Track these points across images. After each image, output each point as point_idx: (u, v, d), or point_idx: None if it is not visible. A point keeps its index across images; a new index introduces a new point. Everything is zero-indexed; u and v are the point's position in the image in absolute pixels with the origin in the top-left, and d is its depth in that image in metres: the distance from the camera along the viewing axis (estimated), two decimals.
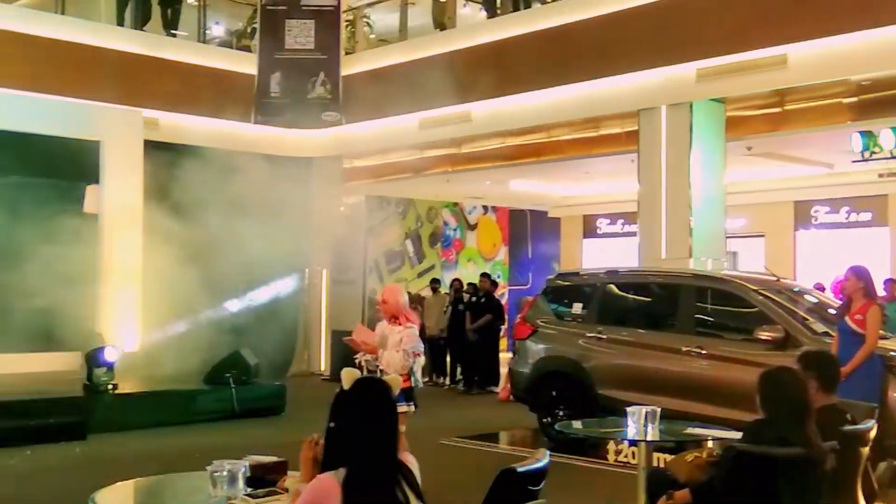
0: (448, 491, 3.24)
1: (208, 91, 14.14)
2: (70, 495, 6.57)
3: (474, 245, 20.27)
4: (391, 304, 6.69)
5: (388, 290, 6.99)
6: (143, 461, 7.64)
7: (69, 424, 9.41)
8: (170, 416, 10.35)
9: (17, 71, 12.32)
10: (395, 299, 6.72)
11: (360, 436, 2.97)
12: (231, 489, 3.48)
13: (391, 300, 6.71)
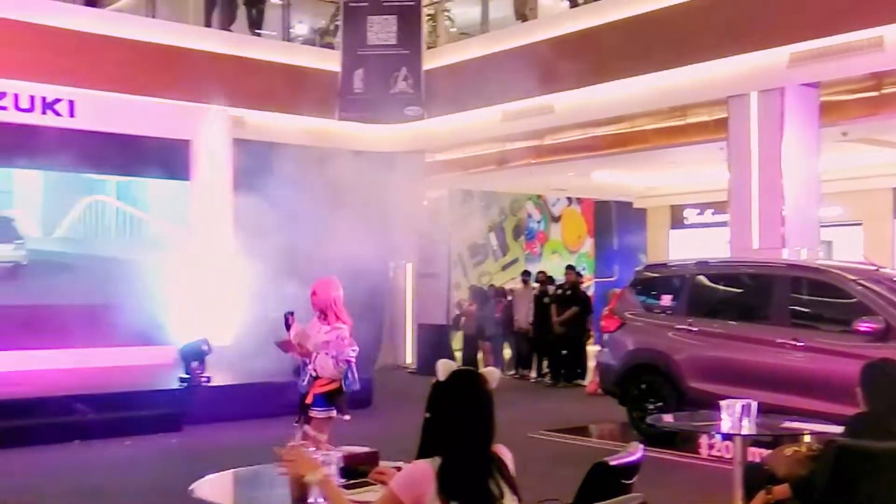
0: (538, 484, 3.20)
1: (293, 88, 14.32)
2: (167, 485, 6.75)
3: (559, 237, 20.14)
4: (321, 297, 6.00)
5: (321, 282, 6.14)
6: (237, 452, 7.77)
7: (166, 416, 9.69)
8: (261, 408, 10.53)
9: (110, 73, 12.69)
10: (326, 293, 6.02)
11: (454, 427, 2.97)
12: None
13: (322, 293, 6.01)
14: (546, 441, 9.11)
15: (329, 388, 5.95)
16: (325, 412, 5.95)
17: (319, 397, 5.95)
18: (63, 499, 6.49)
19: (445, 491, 2.88)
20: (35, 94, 12.24)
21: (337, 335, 5.92)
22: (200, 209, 13.61)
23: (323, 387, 5.94)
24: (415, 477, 2.94)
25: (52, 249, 12.76)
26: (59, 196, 13.17)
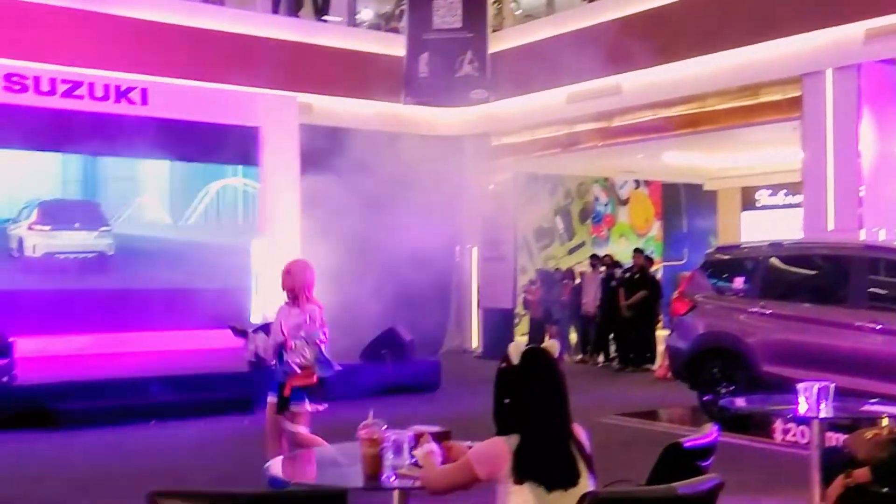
0: (612, 466, 3.18)
1: (359, 74, 14.40)
2: (240, 464, 6.88)
3: (626, 220, 19.91)
4: (296, 278, 5.83)
5: (296, 262, 6.07)
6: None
7: (237, 398, 9.86)
8: (329, 390, 10.59)
9: (181, 61, 12.92)
10: (302, 274, 5.88)
11: (531, 407, 2.98)
12: (397, 458, 3.53)
13: (297, 273, 5.86)
14: (615, 426, 9.04)
15: (308, 381, 5.78)
16: (303, 405, 5.76)
17: (298, 390, 5.75)
18: (140, 477, 6.65)
19: (521, 470, 2.89)
20: (109, 83, 12.53)
21: (309, 316, 5.75)
22: (269, 195, 13.80)
23: (302, 380, 5.75)
24: (491, 453, 2.96)
25: (138, 234, 13.03)
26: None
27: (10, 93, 11.85)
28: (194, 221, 13.48)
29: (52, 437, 8.47)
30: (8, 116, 11.73)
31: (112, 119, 12.33)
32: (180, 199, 13.46)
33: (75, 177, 12.71)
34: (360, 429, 3.51)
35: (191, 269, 13.02)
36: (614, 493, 2.72)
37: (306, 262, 6.11)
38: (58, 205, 12.76)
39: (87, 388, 9.40)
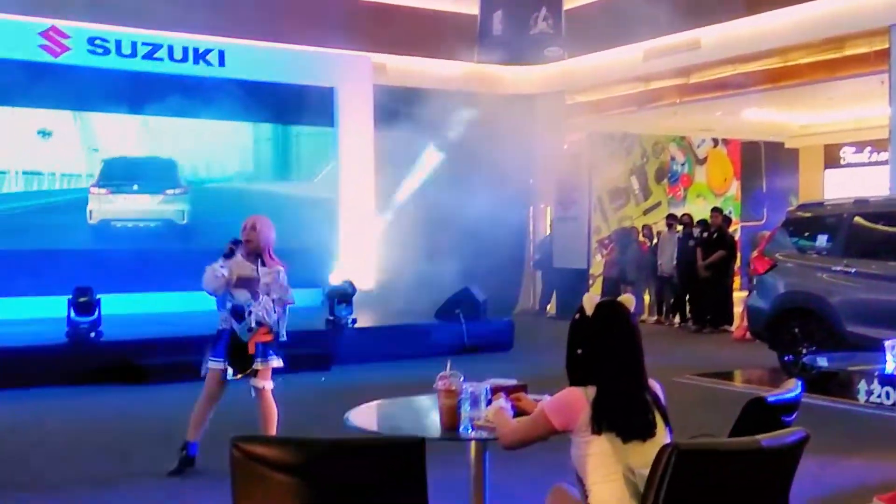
0: (688, 425, 3.13)
1: (432, 33, 14.34)
2: (319, 418, 6.97)
3: (703, 180, 19.51)
4: (263, 234, 5.68)
5: (262, 218, 5.82)
6: (384, 389, 7.96)
7: (315, 356, 10.02)
8: (404, 349, 10.76)
9: (257, 23, 13.03)
10: (268, 231, 5.73)
11: (607, 358, 2.95)
12: (474, 410, 3.53)
13: (264, 231, 5.70)
14: (691, 385, 8.93)
15: (269, 337, 5.71)
16: (270, 361, 5.75)
17: (262, 346, 5.70)
18: (219, 430, 6.81)
19: (599, 420, 2.87)
20: (188, 46, 12.72)
21: (279, 275, 5.66)
22: (345, 155, 13.90)
23: (265, 336, 5.68)
24: (568, 403, 2.94)
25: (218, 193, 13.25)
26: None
27: (94, 56, 12.12)
28: (274, 181, 13.65)
29: (135, 391, 8.73)
30: (92, 79, 12.00)
31: (191, 81, 12.53)
32: (259, 160, 13.63)
33: (156, 138, 12.93)
34: (438, 380, 3.52)
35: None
36: (696, 444, 2.67)
37: (268, 220, 5.89)
38: (122, 163, 12.94)
39: (169, 344, 9.64)
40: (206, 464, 5.75)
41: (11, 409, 7.85)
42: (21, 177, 12.13)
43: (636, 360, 2.99)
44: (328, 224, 13.74)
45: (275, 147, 13.76)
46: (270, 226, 5.80)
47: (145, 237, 12.80)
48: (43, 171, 12.26)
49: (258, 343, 5.67)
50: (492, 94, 14.51)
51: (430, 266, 12.60)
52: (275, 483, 2.57)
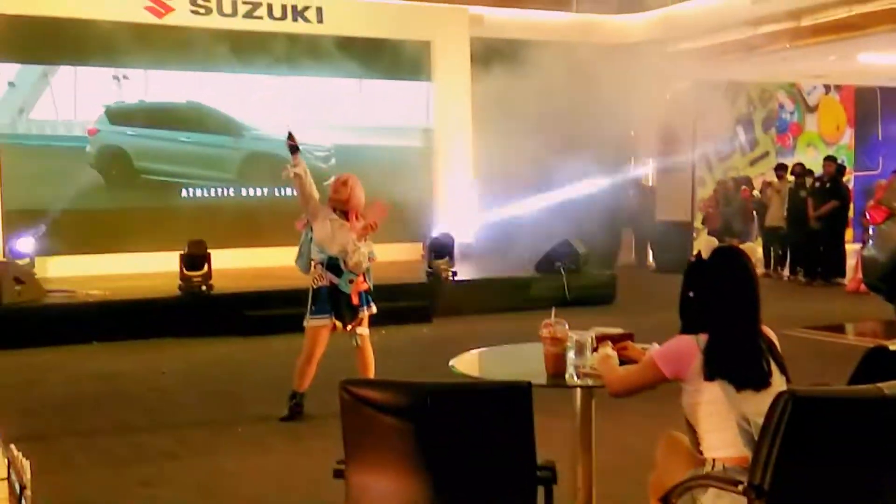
0: (800, 378, 3.01)
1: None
2: (421, 368, 7.09)
3: (814, 128, 18.76)
4: (354, 193, 5.79)
5: (355, 178, 5.94)
6: (485, 341, 8.00)
7: (416, 308, 10.12)
8: (505, 302, 10.76)
9: None
10: (359, 192, 5.84)
11: (722, 304, 2.87)
12: (579, 358, 3.49)
13: (356, 190, 5.82)
14: (803, 339, 8.67)
15: (367, 286, 5.94)
16: (371, 308, 5.99)
17: (364, 294, 5.93)
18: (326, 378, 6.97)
19: (712, 367, 2.80)
20: (286, 3, 12.83)
21: (361, 233, 5.74)
22: (442, 109, 13.87)
23: (363, 284, 5.89)
24: (679, 350, 2.87)
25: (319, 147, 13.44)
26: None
27: (196, 16, 12.35)
28: (372, 137, 13.72)
29: (244, 342, 9.00)
30: (194, 38, 12.26)
31: (289, 38, 12.66)
32: (357, 116, 13.70)
33: (258, 95, 13.13)
34: (543, 327, 3.49)
35: (372, 183, 13.34)
36: (815, 391, 2.58)
37: (358, 181, 6.00)
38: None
39: (277, 297, 9.86)
40: (316, 409, 5.89)
41: (131, 357, 8.21)
42: (130, 136, 12.50)
43: (752, 306, 2.89)
44: (427, 178, 13.78)
45: (372, 102, 13.80)
46: (361, 187, 5.87)
47: (252, 195, 13.09)
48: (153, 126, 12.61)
49: (360, 292, 5.86)
50: (591, 43, 14.19)
51: (530, 219, 12.53)
52: (383, 425, 2.60)
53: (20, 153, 11.76)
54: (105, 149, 12.35)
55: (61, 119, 12.09)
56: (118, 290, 9.88)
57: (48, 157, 11.97)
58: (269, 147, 12.84)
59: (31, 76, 11.96)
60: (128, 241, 11.76)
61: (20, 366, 7.83)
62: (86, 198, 11.94)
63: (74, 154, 12.09)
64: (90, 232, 11.82)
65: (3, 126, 11.73)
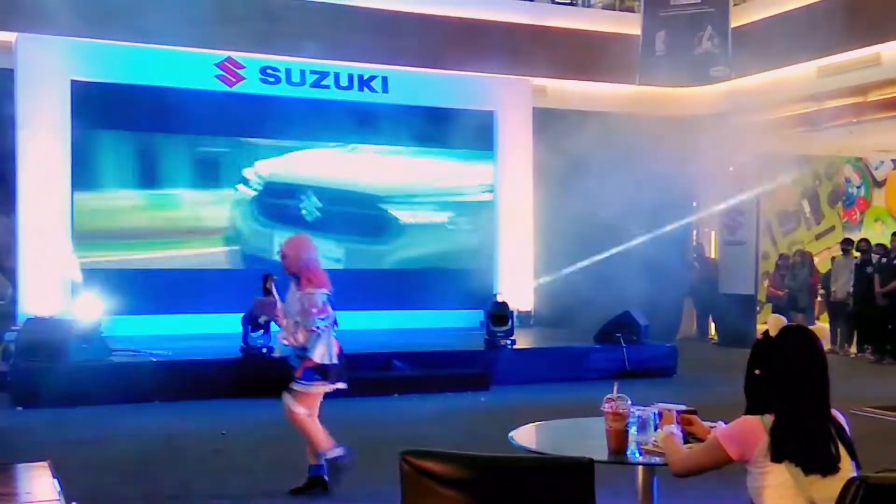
0: (869, 459, 2.92)
1: (592, 55, 14.25)
2: (478, 437, 7.04)
3: (882, 203, 18.39)
4: (291, 259, 5.48)
5: (290, 241, 5.63)
6: (543, 411, 7.92)
7: (474, 376, 10.09)
8: (563, 372, 10.68)
9: (418, 49, 13.34)
10: (295, 253, 5.49)
11: (790, 384, 2.82)
12: (641, 434, 3.46)
13: (291, 254, 5.49)
14: (872, 419, 8.42)
15: (309, 362, 5.53)
16: (307, 386, 5.53)
17: (309, 371, 5.53)
18: (383, 444, 6.95)
19: (779, 449, 2.74)
20: (353, 73, 13.16)
21: (309, 301, 5.40)
22: (504, 178, 13.99)
23: (311, 362, 5.51)
24: (745, 431, 2.83)
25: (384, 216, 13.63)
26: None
27: (266, 84, 12.73)
28: (434, 206, 13.88)
29: None
30: (264, 107, 12.62)
31: (356, 107, 12.95)
32: (420, 185, 13.88)
33: (323, 163, 13.40)
34: (605, 402, 3.47)
35: (432, 251, 13.54)
36: (887, 479, 2.51)
37: (300, 239, 5.72)
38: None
39: None
40: (370, 476, 5.88)
41: (193, 417, 8.29)
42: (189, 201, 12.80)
43: (821, 388, 2.84)
44: (487, 246, 13.85)
45: (436, 171, 13.99)
46: (300, 246, 5.56)
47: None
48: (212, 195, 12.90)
49: (306, 368, 5.56)
50: (654, 115, 14.25)
51: (590, 289, 12.47)
52: (443, 498, 2.60)
53: (92, 213, 12.11)
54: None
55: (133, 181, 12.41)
56: (181, 350, 10.05)
57: (118, 218, 12.28)
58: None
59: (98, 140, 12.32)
60: (191, 301, 11.98)
61: (84, 423, 7.96)
62: (153, 258, 12.24)
63: (146, 216, 12.41)
64: (156, 292, 12.06)
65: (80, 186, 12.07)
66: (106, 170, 12.23)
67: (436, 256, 13.65)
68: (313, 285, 5.44)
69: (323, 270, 5.58)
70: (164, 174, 12.57)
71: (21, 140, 11.41)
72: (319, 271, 5.54)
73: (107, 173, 12.24)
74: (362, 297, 12.82)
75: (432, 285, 13.19)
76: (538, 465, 2.84)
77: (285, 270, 5.60)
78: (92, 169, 12.08)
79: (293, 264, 5.50)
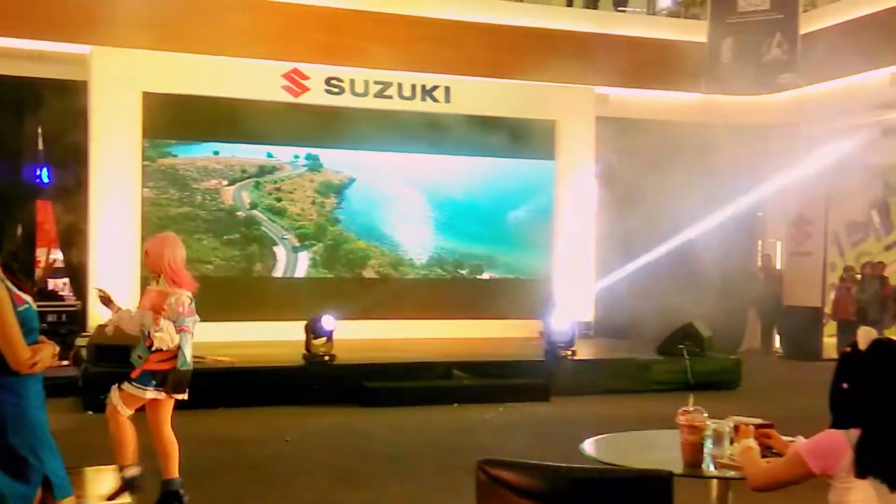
0: None
1: (657, 63, 14.10)
2: (543, 448, 7.00)
3: None
4: (153, 256, 5.23)
5: (154, 240, 5.41)
6: (604, 423, 7.83)
7: (534, 386, 10.03)
8: (625, 383, 10.58)
9: (480, 59, 13.34)
10: (158, 251, 5.23)
11: (878, 399, 2.76)
12: (717, 448, 3.40)
13: (153, 252, 5.24)
14: None
15: (163, 366, 5.17)
16: (140, 389, 5.15)
17: (146, 373, 5.17)
18: (444, 454, 6.95)
19: (864, 464, 2.67)
20: (416, 83, 13.21)
21: (176, 299, 5.13)
22: (565, 187, 13.92)
23: (157, 364, 5.16)
24: (830, 445, 2.76)
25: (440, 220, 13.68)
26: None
27: (330, 95, 12.85)
28: (494, 214, 13.85)
29: (365, 412, 9.08)
30: (328, 117, 12.75)
31: (419, 117, 13.00)
32: (481, 193, 13.87)
33: (386, 172, 13.47)
34: (680, 414, 3.42)
35: (491, 258, 13.55)
36: None
37: (164, 237, 5.46)
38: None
39: (397, 369, 10.00)
40: (440, 485, 5.86)
41: (255, 424, 8.39)
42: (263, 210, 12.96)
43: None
44: (547, 255, 13.78)
45: (497, 180, 13.97)
46: (163, 244, 5.32)
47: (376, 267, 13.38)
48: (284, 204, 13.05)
49: (144, 370, 5.19)
50: (719, 124, 14.06)
51: (651, 299, 12.34)
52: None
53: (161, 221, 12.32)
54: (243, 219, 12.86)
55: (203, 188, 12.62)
56: (245, 357, 10.17)
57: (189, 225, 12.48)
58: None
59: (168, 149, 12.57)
60: (256, 309, 12.12)
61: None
62: (222, 266, 12.44)
63: (214, 224, 12.61)
64: (222, 299, 12.21)
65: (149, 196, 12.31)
66: (174, 178, 12.45)
67: (495, 265, 13.64)
68: (177, 286, 5.22)
69: (186, 272, 5.34)
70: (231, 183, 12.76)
71: (93, 150, 11.67)
72: (184, 272, 5.30)
73: (175, 181, 12.47)
74: (423, 306, 12.88)
75: (491, 294, 13.18)
76: (616, 477, 2.80)
77: (148, 269, 5.41)
78: (161, 177, 12.31)
79: (155, 263, 5.26)
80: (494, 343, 12.09)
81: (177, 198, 12.39)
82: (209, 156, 12.61)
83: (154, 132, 12.09)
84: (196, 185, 12.51)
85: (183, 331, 5.17)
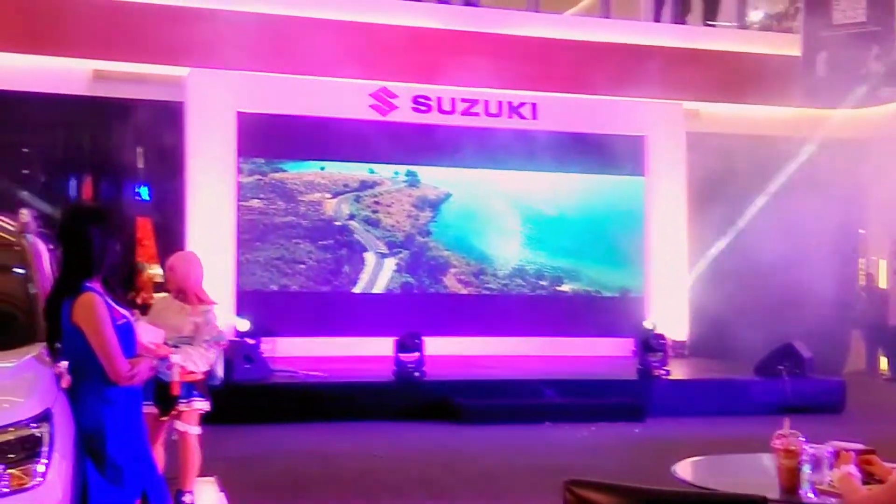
0: None
1: (748, 77, 13.80)
2: (635, 469, 6.85)
3: None
4: (179, 274, 5.31)
5: (179, 256, 5.54)
6: (700, 445, 7.65)
7: (627, 406, 9.88)
8: (721, 405, 10.30)
9: (568, 75, 13.28)
10: (184, 269, 5.32)
11: None
12: (815, 474, 3.29)
13: (180, 270, 5.32)
14: None
15: (196, 377, 5.21)
16: (193, 404, 5.25)
17: (187, 386, 5.17)
18: (535, 473, 6.90)
19: None
20: (502, 100, 13.23)
21: (206, 318, 5.21)
22: (656, 203, 13.71)
23: (189, 376, 5.14)
24: None
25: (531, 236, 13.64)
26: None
27: (417, 113, 12.97)
28: (585, 231, 13.72)
29: (454, 429, 9.08)
30: (418, 135, 12.87)
31: (506, 133, 13.00)
32: (572, 210, 13.77)
33: (475, 189, 13.49)
34: (775, 438, 3.32)
35: (582, 276, 13.42)
36: None
37: (190, 255, 5.62)
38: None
39: (487, 386, 9.97)
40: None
41: (346, 438, 8.48)
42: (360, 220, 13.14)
43: None
44: (639, 273, 13.59)
45: (586, 197, 13.84)
46: (189, 262, 5.45)
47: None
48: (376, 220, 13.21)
49: (183, 383, 5.14)
50: (816, 139, 13.66)
51: (748, 319, 12.01)
52: None
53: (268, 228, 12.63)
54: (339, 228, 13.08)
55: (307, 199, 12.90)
56: (336, 372, 10.30)
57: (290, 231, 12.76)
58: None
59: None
60: (347, 324, 12.28)
61: (245, 441, 8.26)
62: (312, 281, 12.66)
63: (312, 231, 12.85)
64: (315, 314, 12.42)
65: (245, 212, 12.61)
66: (283, 191, 12.72)
67: (586, 282, 13.49)
68: (205, 301, 5.33)
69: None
70: (323, 200, 12.99)
71: (190, 169, 12.04)
72: (203, 289, 5.41)
73: (283, 194, 12.73)
74: (511, 322, 12.82)
75: (582, 312, 13.04)
76: (708, 501, 2.73)
77: (168, 283, 5.46)
78: (271, 190, 12.62)
79: (182, 279, 5.34)
80: (584, 362, 11.96)
81: (283, 208, 12.77)
82: (316, 171, 12.99)
83: (248, 151, 12.40)
84: (301, 198, 12.85)
85: (220, 345, 5.33)
